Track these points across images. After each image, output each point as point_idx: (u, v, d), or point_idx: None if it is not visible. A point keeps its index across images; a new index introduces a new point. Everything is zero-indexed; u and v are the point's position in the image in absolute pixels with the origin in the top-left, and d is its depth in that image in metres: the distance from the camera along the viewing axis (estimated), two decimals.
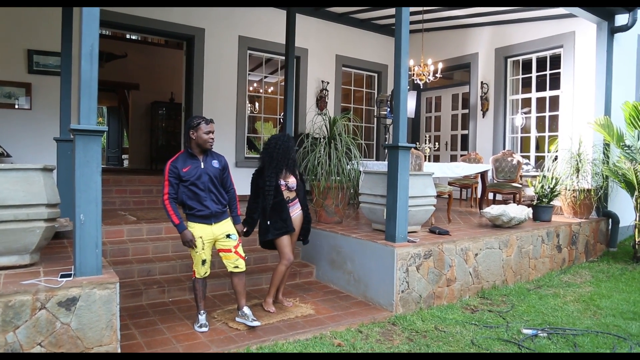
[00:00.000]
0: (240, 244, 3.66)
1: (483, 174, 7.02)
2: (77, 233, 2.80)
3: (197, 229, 3.50)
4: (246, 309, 3.66)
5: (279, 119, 9.09)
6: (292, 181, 4.03)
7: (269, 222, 3.92)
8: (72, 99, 4.91)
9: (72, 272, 2.83)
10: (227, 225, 3.62)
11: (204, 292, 3.65)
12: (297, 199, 4.11)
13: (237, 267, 3.61)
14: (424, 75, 7.80)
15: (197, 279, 3.61)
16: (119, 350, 2.83)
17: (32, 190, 2.92)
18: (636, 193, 6.03)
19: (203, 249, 3.53)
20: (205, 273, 3.60)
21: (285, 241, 3.96)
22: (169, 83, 10.99)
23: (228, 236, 3.59)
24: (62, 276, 2.78)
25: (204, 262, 3.56)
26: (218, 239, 3.58)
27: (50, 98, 6.29)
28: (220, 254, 3.64)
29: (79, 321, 2.68)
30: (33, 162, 2.97)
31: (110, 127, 13.80)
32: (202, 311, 3.61)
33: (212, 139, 3.53)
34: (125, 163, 13.39)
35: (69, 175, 3.50)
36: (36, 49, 6.40)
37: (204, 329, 3.51)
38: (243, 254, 3.66)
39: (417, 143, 8.74)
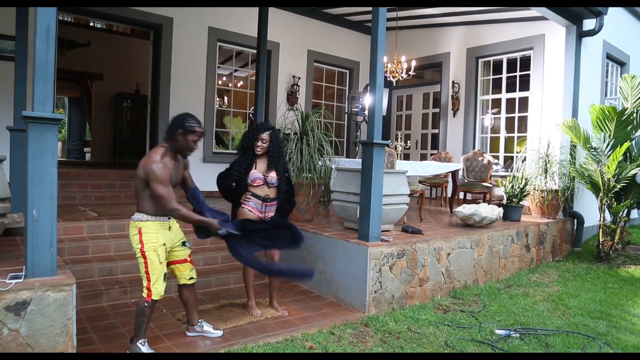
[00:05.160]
0: None
1: (454, 173, 7.04)
2: (29, 230, 2.58)
3: (160, 235, 2.94)
4: (204, 324, 3.34)
5: (249, 114, 8.88)
6: (272, 176, 3.67)
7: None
8: (28, 86, 4.60)
9: (23, 273, 2.60)
10: (180, 231, 3.17)
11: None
12: (275, 201, 3.73)
13: (192, 277, 3.23)
14: (397, 72, 7.76)
15: (151, 303, 2.92)
16: None
17: None
18: (601, 194, 6.15)
19: (166, 259, 3.02)
20: (162, 295, 2.98)
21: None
22: (135, 74, 10.61)
23: (183, 244, 3.18)
24: (12, 277, 2.55)
25: (165, 277, 3.00)
26: (174, 247, 3.09)
27: (5, 85, 5.91)
28: (173, 266, 3.13)
29: (29, 327, 2.46)
30: None
31: (72, 119, 13.26)
32: (143, 340, 2.95)
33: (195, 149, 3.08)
34: (88, 156, 12.88)
35: (24, 167, 3.25)
36: None
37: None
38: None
39: (389, 141, 8.70)
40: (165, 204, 2.83)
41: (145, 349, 2.94)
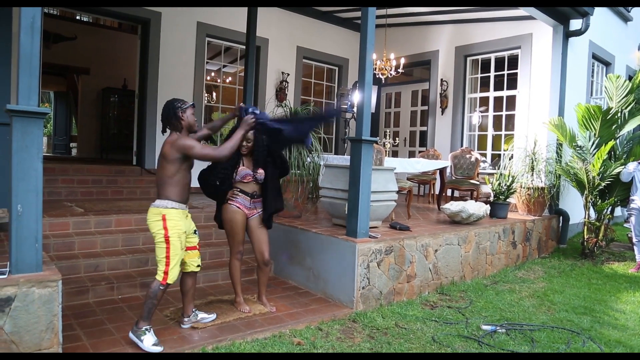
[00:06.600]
0: None
1: (442, 171, 7.08)
2: (13, 226, 2.54)
3: (182, 223, 3.13)
4: (198, 312, 3.47)
5: None
6: (260, 172, 3.64)
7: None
8: (13, 79, 4.52)
9: (8, 269, 2.56)
10: (191, 220, 3.37)
11: None
12: (261, 197, 3.70)
13: (199, 265, 3.38)
14: (386, 69, 7.78)
15: (165, 286, 3.08)
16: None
17: None
18: (586, 192, 6.24)
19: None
20: (174, 281, 3.15)
21: (233, 234, 3.68)
22: (122, 69, 10.50)
23: (195, 232, 3.36)
24: None
25: (180, 264, 3.17)
26: (188, 235, 3.25)
27: None
28: (184, 252, 3.26)
29: (14, 324, 2.43)
30: None
31: (58, 114, 13.10)
32: (149, 326, 3.05)
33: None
34: (74, 152, 12.74)
35: (8, 162, 3.20)
36: None
37: (159, 348, 2.97)
38: None
39: (378, 138, 8.73)
40: (217, 157, 3.21)
41: (149, 336, 2.99)
